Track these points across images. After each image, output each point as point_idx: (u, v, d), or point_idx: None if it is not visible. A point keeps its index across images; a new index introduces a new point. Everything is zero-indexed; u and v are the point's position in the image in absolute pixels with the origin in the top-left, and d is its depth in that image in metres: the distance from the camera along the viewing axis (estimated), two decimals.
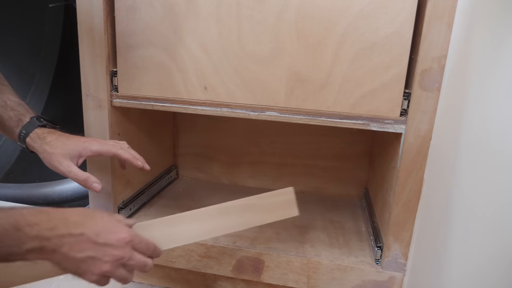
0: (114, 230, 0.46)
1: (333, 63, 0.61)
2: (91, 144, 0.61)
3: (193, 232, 0.58)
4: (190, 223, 0.59)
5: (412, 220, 0.64)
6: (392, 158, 0.69)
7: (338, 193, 0.97)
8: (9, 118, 0.61)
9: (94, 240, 0.44)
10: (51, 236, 0.43)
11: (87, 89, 0.71)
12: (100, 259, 0.45)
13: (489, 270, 0.38)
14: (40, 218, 0.43)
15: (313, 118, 0.64)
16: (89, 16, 0.67)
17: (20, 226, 0.41)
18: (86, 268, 0.45)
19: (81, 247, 0.44)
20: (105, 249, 0.45)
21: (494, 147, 0.40)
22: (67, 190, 1.05)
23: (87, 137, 0.64)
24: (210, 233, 0.60)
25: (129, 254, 0.47)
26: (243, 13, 0.62)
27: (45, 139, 0.60)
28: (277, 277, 0.71)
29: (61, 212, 0.45)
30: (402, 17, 0.58)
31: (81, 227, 0.44)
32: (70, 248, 0.43)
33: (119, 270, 0.47)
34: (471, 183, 0.45)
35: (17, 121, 0.62)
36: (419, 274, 0.60)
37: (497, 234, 0.37)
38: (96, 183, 0.61)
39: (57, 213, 0.44)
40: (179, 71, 0.67)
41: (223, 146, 1.00)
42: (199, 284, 0.80)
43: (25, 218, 0.42)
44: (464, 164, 0.47)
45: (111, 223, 0.47)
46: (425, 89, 0.59)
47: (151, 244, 0.51)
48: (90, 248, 0.44)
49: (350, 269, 0.68)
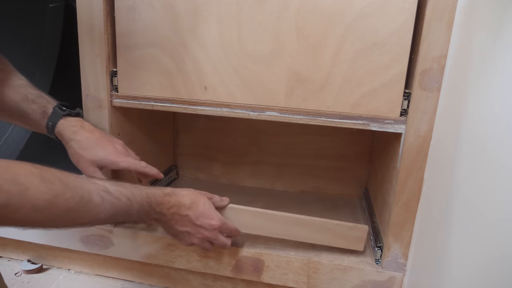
0: (210, 217, 0.61)
1: (333, 63, 0.61)
2: (120, 160, 0.64)
3: (274, 229, 0.69)
4: (272, 221, 0.69)
5: (412, 220, 0.64)
6: (392, 158, 0.69)
7: (338, 193, 0.97)
8: (33, 111, 0.61)
9: (194, 222, 0.60)
10: (168, 213, 0.58)
11: (87, 89, 0.71)
12: (194, 234, 0.61)
13: (489, 270, 0.38)
14: (164, 200, 0.58)
15: (313, 118, 0.64)
16: (89, 16, 0.67)
17: (151, 203, 0.56)
18: (182, 237, 0.62)
19: (184, 224, 0.60)
20: (199, 229, 0.61)
21: (494, 147, 0.40)
22: None
23: (112, 142, 0.65)
24: (286, 236, 0.70)
25: (214, 236, 0.63)
26: (243, 13, 0.62)
27: (74, 135, 0.61)
28: (277, 277, 0.71)
29: (177, 196, 0.59)
30: (402, 17, 0.58)
31: (187, 210, 0.60)
32: (176, 222, 0.60)
33: (204, 243, 0.64)
34: (471, 183, 0.45)
35: (41, 113, 0.62)
36: (419, 274, 0.60)
37: (497, 234, 0.37)
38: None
39: (175, 197, 0.59)
40: (179, 71, 0.67)
41: (223, 146, 1.00)
42: (199, 284, 0.80)
43: (156, 198, 0.56)
44: (464, 164, 0.47)
45: (209, 211, 0.62)
46: (425, 89, 0.59)
47: (233, 229, 0.66)
48: (189, 226, 0.60)
49: (350, 269, 0.68)
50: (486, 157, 0.42)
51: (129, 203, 0.52)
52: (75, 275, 0.86)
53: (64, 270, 0.87)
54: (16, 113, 0.62)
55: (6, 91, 0.61)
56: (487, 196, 0.40)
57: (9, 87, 0.61)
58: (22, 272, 0.85)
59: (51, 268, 0.87)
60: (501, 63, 0.41)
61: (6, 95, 0.61)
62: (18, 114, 0.62)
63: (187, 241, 0.62)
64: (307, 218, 0.69)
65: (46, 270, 0.87)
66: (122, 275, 0.84)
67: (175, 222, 0.60)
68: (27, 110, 0.61)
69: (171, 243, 0.73)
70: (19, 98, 0.61)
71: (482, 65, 0.46)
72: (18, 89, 0.62)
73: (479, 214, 0.42)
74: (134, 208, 0.53)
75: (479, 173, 0.43)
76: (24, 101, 0.61)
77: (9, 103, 0.61)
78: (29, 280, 0.83)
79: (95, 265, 0.85)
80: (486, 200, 0.41)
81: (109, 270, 0.85)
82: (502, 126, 0.39)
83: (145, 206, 0.55)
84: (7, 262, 0.89)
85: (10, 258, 0.90)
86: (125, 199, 0.51)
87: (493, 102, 0.42)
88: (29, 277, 0.84)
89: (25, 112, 0.61)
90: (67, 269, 0.87)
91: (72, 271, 0.87)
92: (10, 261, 0.89)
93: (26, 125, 0.64)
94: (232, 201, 0.70)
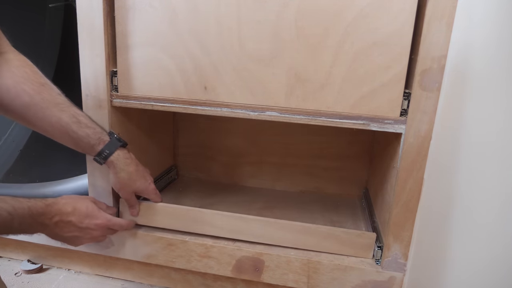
0: (94, 217, 0.66)
1: (333, 63, 0.61)
2: (148, 194, 0.74)
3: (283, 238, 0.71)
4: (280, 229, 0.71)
5: (412, 220, 0.64)
6: (392, 158, 0.69)
7: (338, 193, 0.97)
8: (87, 135, 0.65)
9: (78, 225, 0.65)
10: (51, 223, 0.62)
11: (87, 89, 0.71)
12: (82, 237, 0.66)
13: (490, 270, 0.38)
14: (46, 210, 0.61)
15: (313, 118, 0.64)
16: (89, 16, 0.67)
17: (34, 216, 0.59)
18: (72, 241, 0.67)
19: (69, 229, 0.64)
20: (86, 231, 0.66)
21: (494, 147, 0.40)
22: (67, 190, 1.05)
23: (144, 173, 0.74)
24: (293, 244, 0.71)
25: (104, 233, 0.69)
26: (243, 13, 0.62)
27: (127, 167, 0.69)
28: (277, 277, 0.71)
29: (58, 205, 0.63)
30: (402, 17, 0.58)
31: (70, 216, 0.64)
32: (61, 229, 0.63)
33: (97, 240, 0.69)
34: (471, 183, 0.45)
35: (97, 139, 0.66)
36: (419, 274, 0.60)
37: (497, 234, 0.37)
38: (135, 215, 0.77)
39: (56, 206, 0.63)
40: (179, 71, 0.67)
41: (223, 146, 1.00)
42: (199, 284, 0.80)
43: (37, 210, 0.60)
44: (464, 164, 0.47)
45: (93, 212, 0.66)
46: (425, 89, 0.59)
47: (125, 224, 0.72)
48: (75, 230, 0.65)
49: (350, 269, 0.68)
50: (486, 157, 0.42)
51: (10, 217, 0.55)
52: (75, 275, 0.86)
53: (64, 270, 0.87)
54: (63, 133, 0.64)
55: (55, 112, 0.63)
56: (487, 196, 0.41)
57: (56, 106, 0.63)
58: (22, 272, 0.85)
59: (51, 268, 0.87)
60: (500, 62, 0.41)
61: (54, 116, 0.63)
62: (65, 133, 0.64)
63: (78, 243, 0.67)
64: (314, 226, 0.70)
65: (46, 270, 0.87)
66: (122, 275, 0.84)
67: (60, 230, 0.63)
68: (78, 133, 0.64)
69: (171, 243, 0.73)
70: (68, 119, 0.63)
71: (482, 64, 0.46)
72: (65, 108, 0.64)
73: (479, 214, 0.42)
74: (15, 221, 0.56)
75: (479, 173, 0.43)
76: (75, 123, 0.64)
77: (56, 124, 0.63)
78: (29, 280, 0.83)
79: (95, 265, 0.85)
80: (486, 200, 0.41)
81: (109, 270, 0.85)
82: (502, 126, 0.39)
83: (27, 219, 0.58)
84: (7, 262, 0.89)
85: (10, 258, 0.90)
86: (6, 214, 0.55)
87: (492, 101, 0.42)
88: (29, 277, 0.84)
89: (76, 134, 0.64)
90: (67, 269, 0.87)
91: (72, 271, 0.87)
92: (10, 261, 0.89)
93: (71, 144, 0.66)
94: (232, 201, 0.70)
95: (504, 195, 0.37)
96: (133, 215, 0.75)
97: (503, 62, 0.40)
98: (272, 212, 0.85)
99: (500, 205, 0.37)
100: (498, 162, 0.39)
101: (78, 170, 0.95)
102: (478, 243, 0.41)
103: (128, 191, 0.71)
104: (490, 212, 0.39)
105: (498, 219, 0.37)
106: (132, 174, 0.70)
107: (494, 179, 0.39)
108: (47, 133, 0.64)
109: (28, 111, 0.61)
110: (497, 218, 0.38)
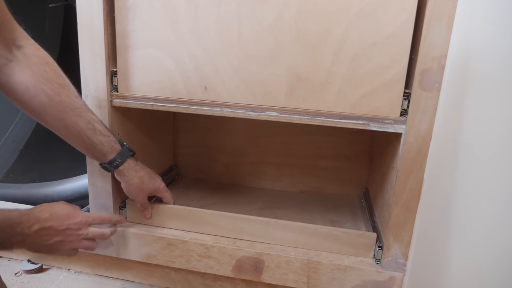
0: (73, 217, 0.63)
1: (333, 63, 0.61)
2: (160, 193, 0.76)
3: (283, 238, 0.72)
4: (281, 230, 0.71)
5: (412, 220, 0.64)
6: (392, 158, 0.68)
7: (338, 193, 0.97)
8: (100, 143, 0.66)
9: (59, 229, 0.62)
10: (31, 232, 0.59)
11: (87, 89, 0.71)
12: (67, 240, 0.63)
13: (490, 270, 0.38)
14: (22, 219, 0.58)
15: (313, 118, 0.64)
16: (89, 16, 0.67)
17: (11, 225, 0.56)
18: (59, 248, 0.63)
19: (51, 235, 0.61)
20: (68, 232, 0.63)
21: (494, 147, 0.40)
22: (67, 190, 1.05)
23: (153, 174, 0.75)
24: (294, 244, 0.71)
25: (87, 231, 0.65)
26: (243, 13, 0.62)
27: (137, 173, 0.71)
28: (277, 277, 0.71)
29: (34, 212, 0.60)
30: (402, 17, 0.58)
31: (49, 221, 0.61)
32: (42, 238, 0.60)
33: (82, 243, 0.65)
34: (471, 183, 0.45)
35: (110, 147, 0.67)
36: (419, 274, 0.60)
37: (497, 234, 0.37)
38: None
39: (32, 214, 0.60)
40: (179, 71, 0.67)
41: (223, 146, 1.00)
42: (199, 284, 0.80)
43: (14, 219, 0.57)
44: (464, 164, 0.47)
45: (71, 212, 0.64)
46: (425, 89, 0.59)
47: (105, 217, 0.70)
48: (57, 235, 0.62)
49: (350, 269, 0.68)
50: (486, 157, 0.42)
51: None
52: (75, 275, 0.86)
53: (64, 270, 0.87)
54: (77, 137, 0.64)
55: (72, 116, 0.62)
56: (487, 196, 0.40)
57: (73, 110, 0.62)
58: (22, 272, 0.85)
59: (51, 268, 0.87)
60: (500, 62, 0.41)
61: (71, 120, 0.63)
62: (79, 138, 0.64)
63: (66, 248, 0.64)
64: (314, 226, 0.70)
65: (46, 270, 0.87)
66: (122, 275, 0.84)
67: (40, 239, 0.60)
68: (93, 139, 0.65)
69: (171, 243, 0.73)
70: (84, 125, 0.63)
71: (482, 64, 0.46)
72: (82, 113, 0.64)
73: (479, 214, 0.42)
74: None
75: (479, 173, 0.43)
76: (91, 130, 0.64)
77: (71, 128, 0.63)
78: (29, 280, 0.83)
79: (95, 265, 0.85)
80: (486, 200, 0.41)
81: (109, 270, 0.85)
82: (501, 126, 0.39)
83: (5, 228, 0.56)
84: (7, 262, 0.89)
85: (10, 258, 0.90)
86: None
87: (492, 101, 0.42)
88: (29, 277, 0.84)
89: (90, 140, 0.65)
90: (67, 269, 0.87)
91: (72, 271, 0.87)
92: (10, 261, 0.89)
93: (83, 149, 0.67)
94: (232, 201, 0.70)
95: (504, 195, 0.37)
96: (147, 218, 0.76)
97: (503, 62, 0.40)
98: (272, 212, 0.85)
99: (500, 205, 0.37)
100: (498, 162, 0.39)
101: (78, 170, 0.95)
102: (478, 243, 0.41)
103: (144, 195, 0.73)
104: (490, 212, 0.39)
105: (498, 219, 0.37)
106: (144, 178, 0.72)
107: (494, 179, 0.39)
108: (60, 134, 0.64)
109: (45, 111, 0.61)
110: (497, 218, 0.38)
